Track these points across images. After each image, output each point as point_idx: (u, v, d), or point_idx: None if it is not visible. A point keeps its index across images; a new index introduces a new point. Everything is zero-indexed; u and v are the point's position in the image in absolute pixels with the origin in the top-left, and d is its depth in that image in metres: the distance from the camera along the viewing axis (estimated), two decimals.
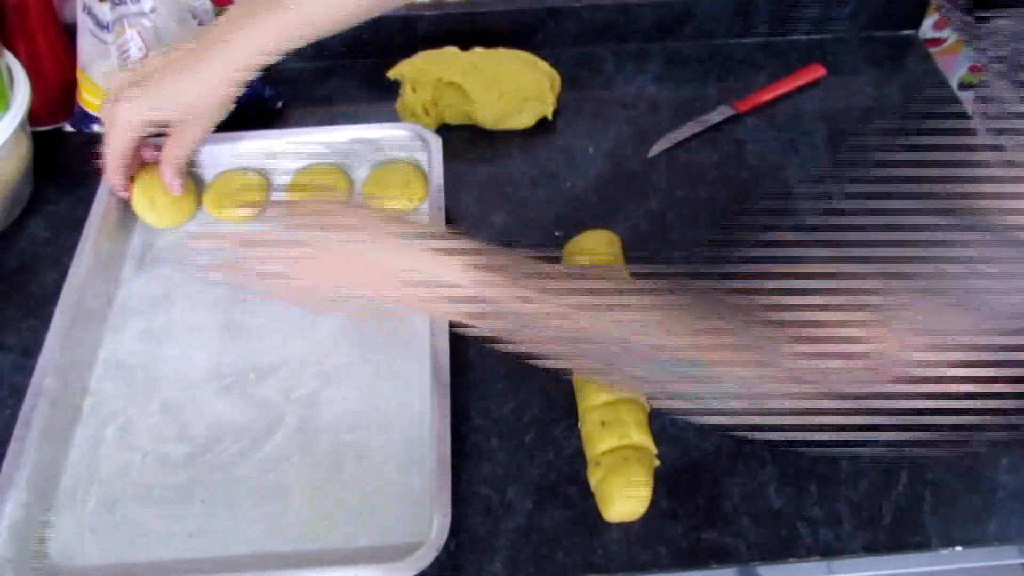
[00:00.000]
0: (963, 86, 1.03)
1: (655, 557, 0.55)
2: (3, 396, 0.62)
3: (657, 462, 0.58)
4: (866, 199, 0.43)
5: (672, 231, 0.73)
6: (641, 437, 0.57)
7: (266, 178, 0.74)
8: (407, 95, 0.79)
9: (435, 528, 0.51)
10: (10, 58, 0.71)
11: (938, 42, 0.96)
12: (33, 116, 0.72)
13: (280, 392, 0.61)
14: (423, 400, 0.60)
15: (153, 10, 0.74)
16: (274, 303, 0.66)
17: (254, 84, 0.80)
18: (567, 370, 0.58)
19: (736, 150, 0.80)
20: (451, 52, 0.81)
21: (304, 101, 0.84)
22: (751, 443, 0.60)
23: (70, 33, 0.78)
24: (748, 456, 0.59)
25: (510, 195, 0.76)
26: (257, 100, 0.81)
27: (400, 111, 0.80)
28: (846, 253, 0.40)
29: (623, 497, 0.55)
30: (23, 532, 0.53)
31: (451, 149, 0.72)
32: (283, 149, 0.74)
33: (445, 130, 0.80)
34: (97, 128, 0.79)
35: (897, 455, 0.59)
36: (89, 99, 0.77)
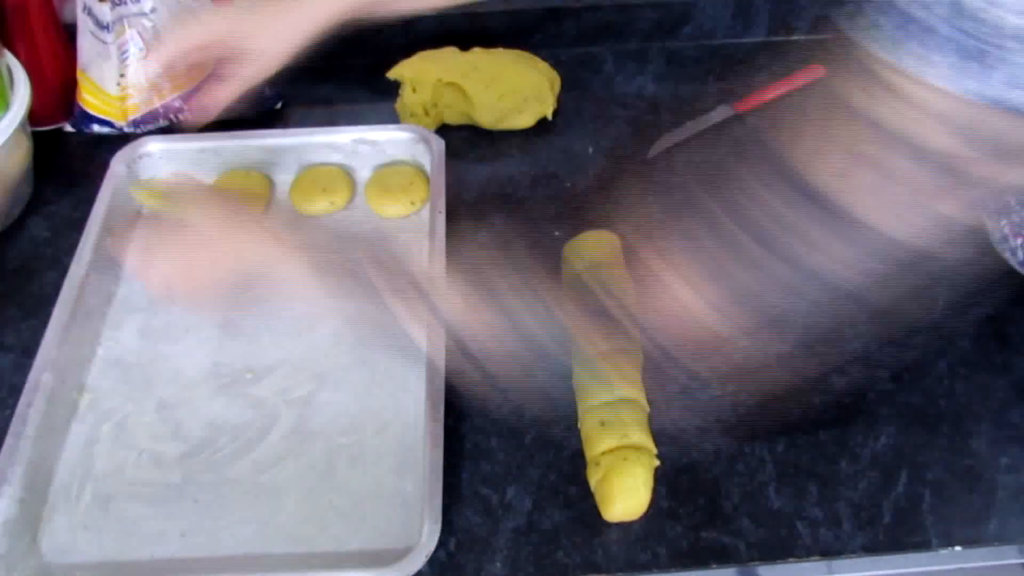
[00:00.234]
0: None
1: (655, 557, 0.55)
2: (2, 396, 0.62)
3: (657, 462, 0.57)
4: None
5: (672, 231, 0.73)
6: (641, 437, 0.57)
7: (268, 178, 0.74)
8: (407, 95, 0.79)
9: (425, 533, 0.51)
10: (10, 58, 0.71)
11: None
12: (33, 116, 0.72)
13: (276, 393, 0.61)
14: (418, 404, 0.60)
15: (153, 10, 0.75)
16: (273, 303, 0.66)
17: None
18: None
19: (736, 150, 0.80)
20: (451, 52, 0.81)
21: (304, 101, 0.84)
22: (751, 443, 0.59)
23: (70, 33, 0.78)
24: (748, 456, 0.59)
25: (510, 195, 0.76)
26: (257, 100, 0.81)
27: (400, 111, 0.80)
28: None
29: (623, 497, 0.54)
30: (16, 528, 0.53)
31: (451, 149, 0.72)
32: (286, 149, 0.74)
33: (445, 130, 0.79)
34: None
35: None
36: (89, 99, 0.77)
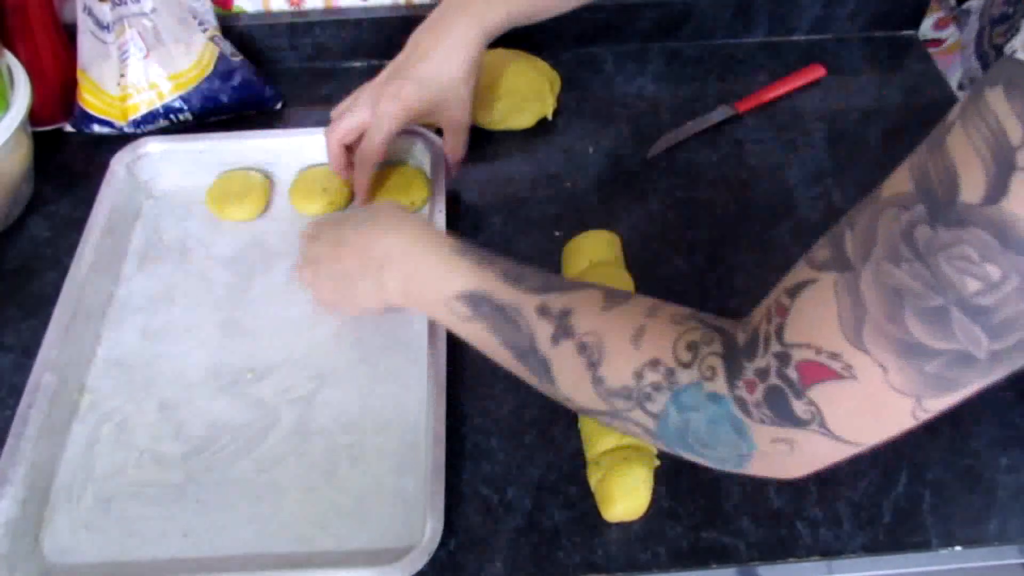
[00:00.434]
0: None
1: (655, 557, 0.55)
2: (3, 396, 0.62)
3: (657, 462, 0.58)
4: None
5: (672, 231, 0.73)
6: None
7: (269, 178, 0.74)
8: None
9: (428, 532, 0.51)
10: (10, 58, 0.71)
11: (938, 42, 0.96)
12: (33, 116, 0.72)
13: (277, 392, 0.61)
14: (420, 403, 0.60)
15: (153, 10, 0.74)
16: (273, 303, 0.66)
17: (254, 84, 0.80)
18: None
19: (736, 150, 0.80)
20: None
21: (304, 101, 0.84)
22: None
23: (70, 33, 0.78)
24: None
25: (510, 195, 0.76)
26: (257, 100, 0.81)
27: None
28: None
29: (623, 497, 0.55)
30: (18, 529, 0.53)
31: None
32: (286, 149, 0.74)
33: None
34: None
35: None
36: (89, 99, 0.77)
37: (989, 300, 0.31)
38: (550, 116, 0.81)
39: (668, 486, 0.57)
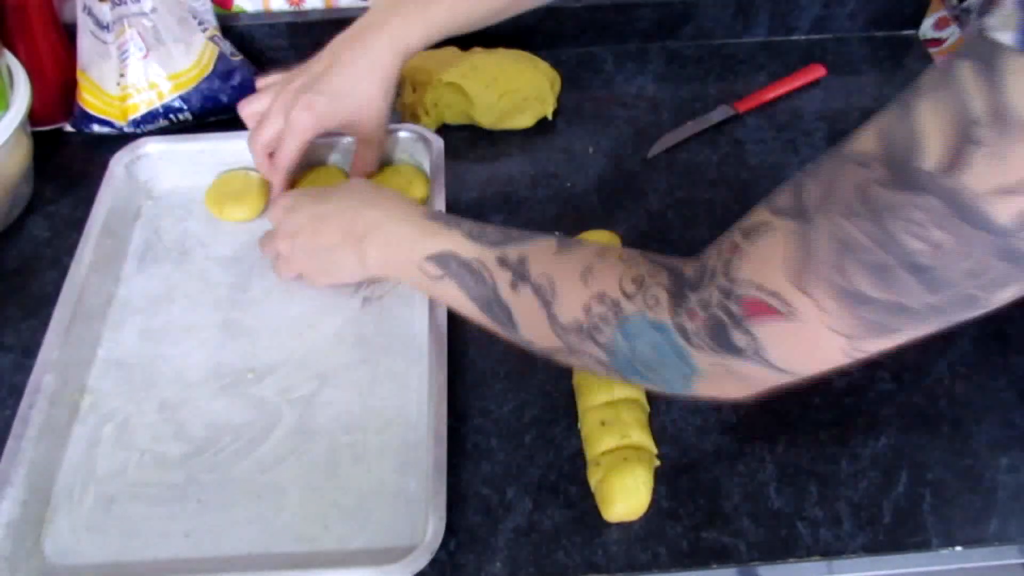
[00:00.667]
0: None
1: (655, 557, 0.55)
2: (3, 396, 0.62)
3: (657, 462, 0.58)
4: None
5: (672, 231, 0.73)
6: (641, 437, 0.57)
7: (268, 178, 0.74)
8: (407, 95, 0.79)
9: (430, 531, 0.51)
10: (10, 58, 0.71)
11: (938, 42, 0.96)
12: (33, 116, 0.72)
13: (278, 392, 0.61)
14: (421, 402, 0.60)
15: (153, 10, 0.74)
16: (273, 303, 0.66)
17: (254, 84, 0.80)
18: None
19: (736, 150, 0.80)
20: (451, 52, 0.81)
21: None
22: (751, 443, 0.60)
23: (70, 33, 0.78)
24: (748, 456, 0.59)
25: (510, 195, 0.76)
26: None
27: (400, 111, 0.80)
28: None
29: (623, 497, 0.55)
30: (19, 530, 0.53)
31: (451, 149, 0.72)
32: None
33: (445, 130, 0.80)
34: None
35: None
36: (89, 99, 0.77)
37: (931, 260, 0.33)
38: (550, 116, 0.81)
39: (668, 486, 0.57)
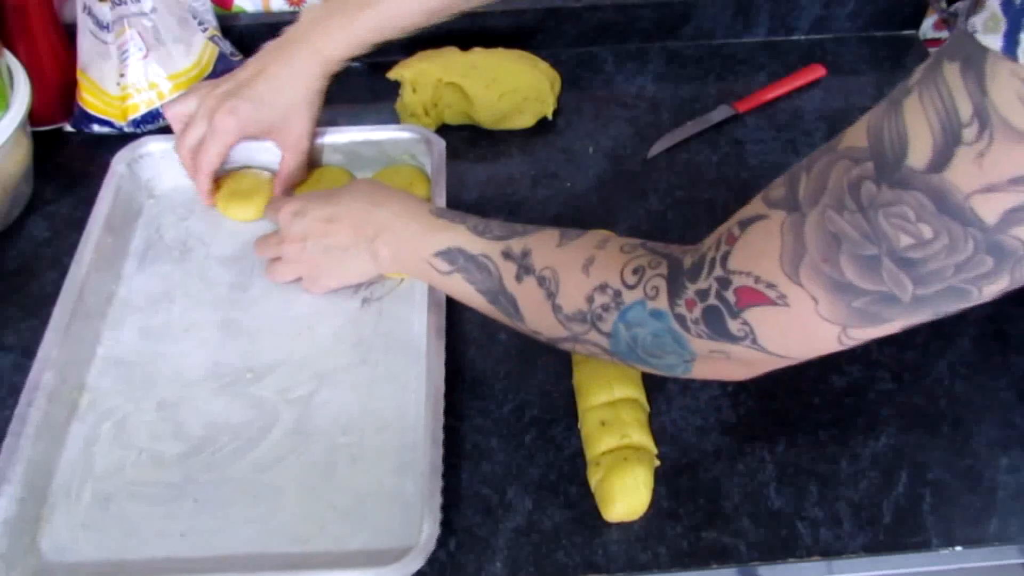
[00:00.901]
0: None
1: (655, 557, 0.55)
2: (2, 396, 0.62)
3: (657, 462, 0.58)
4: None
5: (672, 231, 0.73)
6: (641, 437, 0.57)
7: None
8: (407, 96, 0.79)
9: (425, 533, 0.51)
10: (10, 58, 0.71)
11: (938, 42, 0.96)
12: (33, 116, 0.72)
13: (276, 392, 0.61)
14: (419, 403, 0.59)
15: (153, 10, 0.75)
16: (273, 303, 0.66)
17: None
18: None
19: (736, 150, 0.80)
20: (451, 52, 0.81)
21: None
22: (751, 443, 0.60)
23: (70, 33, 0.78)
24: (748, 456, 0.59)
25: (510, 195, 0.76)
26: None
27: (400, 112, 0.80)
28: None
29: (623, 497, 0.54)
30: (16, 527, 0.53)
31: (451, 149, 0.72)
32: None
33: (445, 130, 0.80)
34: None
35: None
36: (89, 99, 0.77)
37: (919, 255, 0.34)
38: (550, 116, 0.81)
39: (668, 486, 0.57)
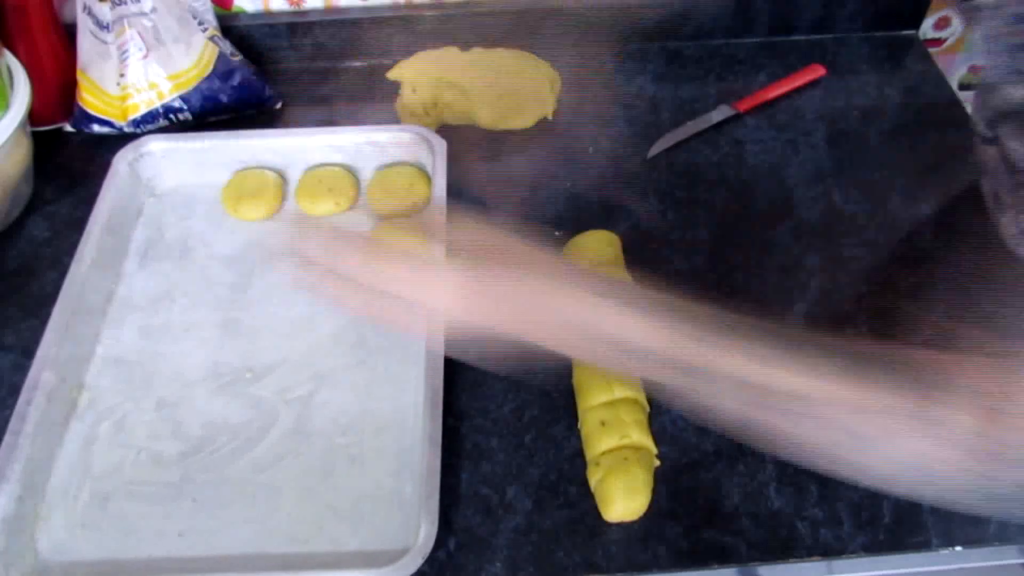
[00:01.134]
0: (963, 86, 1.03)
1: (655, 557, 0.55)
2: (2, 396, 0.62)
3: (657, 462, 0.58)
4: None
5: (672, 231, 0.73)
6: (641, 437, 0.57)
7: (282, 177, 0.74)
8: (407, 95, 0.79)
9: (422, 534, 0.51)
10: (10, 58, 0.71)
11: (938, 42, 0.96)
12: (33, 116, 0.72)
13: (276, 392, 0.61)
14: (418, 405, 0.59)
15: (153, 10, 0.75)
16: (273, 303, 0.66)
17: (254, 84, 0.80)
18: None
19: (736, 150, 0.80)
20: (451, 52, 0.81)
21: (304, 101, 0.84)
22: (751, 443, 0.60)
23: (70, 33, 0.78)
24: (748, 456, 0.59)
25: (510, 195, 0.76)
26: (257, 100, 0.81)
27: (400, 111, 0.80)
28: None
29: (623, 497, 0.54)
30: (14, 526, 0.53)
31: (451, 149, 0.72)
32: (290, 149, 0.74)
33: (445, 130, 0.79)
34: (102, 131, 0.78)
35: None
36: (89, 99, 0.77)
37: None
38: (550, 116, 0.81)
39: (668, 486, 0.57)
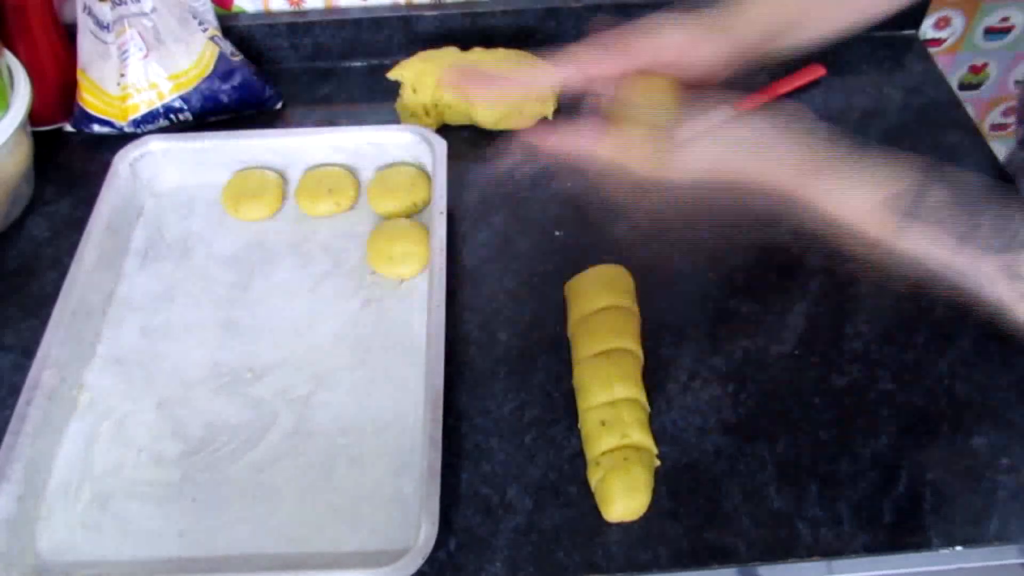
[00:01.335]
0: (963, 86, 1.03)
1: (655, 557, 0.55)
2: (2, 396, 0.62)
3: (657, 462, 0.58)
4: None
5: (672, 231, 0.73)
6: (641, 437, 0.57)
7: (283, 177, 0.74)
8: (407, 96, 0.79)
9: (422, 535, 0.51)
10: (10, 58, 0.71)
11: (938, 42, 0.96)
12: (33, 116, 0.72)
13: (276, 392, 0.61)
14: (418, 405, 0.59)
15: (153, 10, 0.75)
16: (274, 303, 0.66)
17: (254, 84, 0.80)
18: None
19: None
20: (451, 52, 0.81)
21: (304, 101, 0.84)
22: (751, 443, 0.60)
23: (70, 33, 0.78)
24: (748, 456, 0.59)
25: (510, 195, 0.76)
26: (257, 100, 0.81)
27: (400, 112, 0.80)
28: None
29: (623, 497, 0.54)
30: (14, 526, 0.53)
31: (451, 150, 0.72)
32: (290, 149, 0.74)
33: (445, 130, 0.79)
34: (103, 129, 0.78)
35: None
36: (89, 99, 0.77)
37: None
38: (550, 116, 0.81)
39: (668, 486, 0.57)
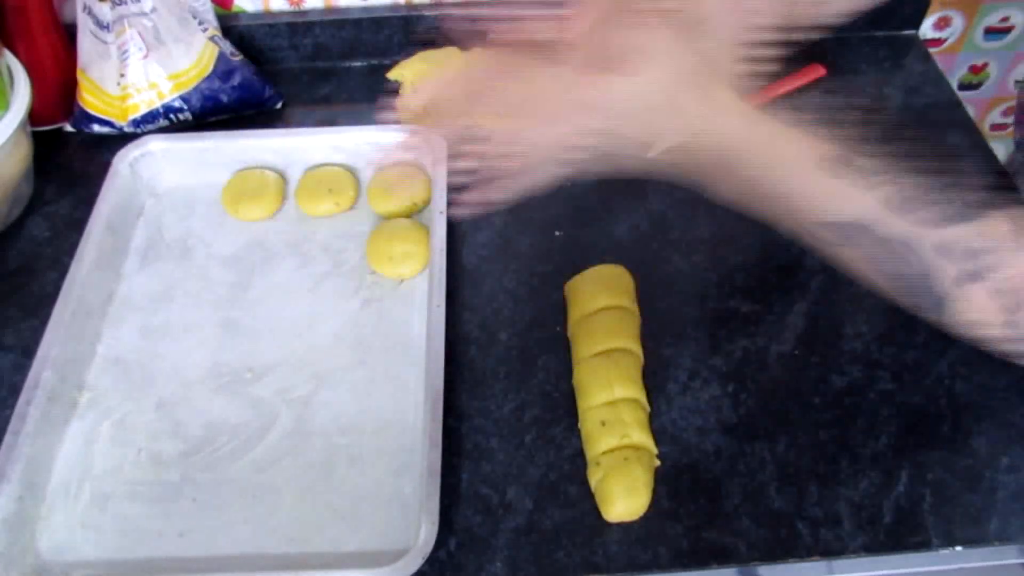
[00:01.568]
0: (963, 86, 1.03)
1: (655, 557, 0.55)
2: (2, 396, 0.62)
3: (657, 462, 0.58)
4: None
5: (672, 231, 0.73)
6: (641, 437, 0.57)
7: (282, 177, 0.74)
8: (407, 96, 0.79)
9: (422, 535, 0.51)
10: (10, 58, 0.71)
11: (938, 42, 0.96)
12: (33, 116, 0.72)
13: (276, 392, 0.61)
14: (418, 405, 0.59)
15: (153, 10, 0.75)
16: (274, 303, 0.66)
17: (254, 84, 0.80)
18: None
19: None
20: (451, 52, 0.81)
21: (304, 101, 0.84)
22: (751, 443, 0.60)
23: (70, 33, 0.78)
24: (748, 456, 0.59)
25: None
26: (257, 100, 0.81)
27: (400, 111, 0.80)
28: None
29: (623, 497, 0.54)
30: (14, 526, 0.53)
31: (452, 149, 0.72)
32: (290, 149, 0.74)
33: None
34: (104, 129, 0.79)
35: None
36: (89, 99, 0.77)
37: None
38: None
39: (668, 486, 0.57)
